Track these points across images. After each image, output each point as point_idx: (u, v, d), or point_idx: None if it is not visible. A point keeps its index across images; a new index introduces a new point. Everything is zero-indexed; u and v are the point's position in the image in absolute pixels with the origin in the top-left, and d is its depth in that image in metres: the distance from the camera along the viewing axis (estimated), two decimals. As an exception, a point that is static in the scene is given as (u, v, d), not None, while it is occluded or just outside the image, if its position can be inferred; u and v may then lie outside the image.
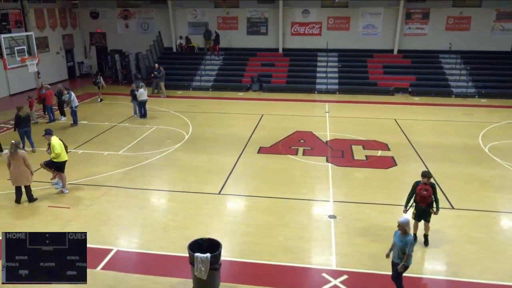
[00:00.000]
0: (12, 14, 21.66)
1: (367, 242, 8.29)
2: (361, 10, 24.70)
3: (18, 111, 13.16)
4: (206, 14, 26.10)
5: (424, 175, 7.99)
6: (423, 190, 7.84)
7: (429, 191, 7.83)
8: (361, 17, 24.83)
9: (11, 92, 21.92)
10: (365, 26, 24.95)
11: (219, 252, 6.61)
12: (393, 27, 24.57)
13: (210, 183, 11.06)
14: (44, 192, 10.45)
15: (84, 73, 28.06)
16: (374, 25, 24.85)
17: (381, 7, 24.47)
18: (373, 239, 8.38)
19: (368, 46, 24.98)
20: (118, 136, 15.12)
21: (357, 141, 14.56)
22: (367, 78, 23.51)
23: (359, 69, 24.07)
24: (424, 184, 7.87)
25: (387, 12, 24.53)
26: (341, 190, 10.69)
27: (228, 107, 19.62)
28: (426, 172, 8.14)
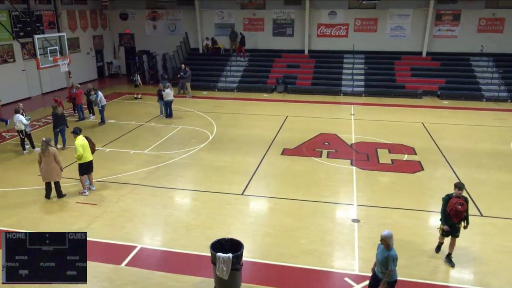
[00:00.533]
0: (45, 16, 22.40)
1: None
2: (389, 12, 24.30)
3: (54, 109, 13.49)
4: (233, 15, 26.26)
5: (458, 187, 7.39)
6: (457, 204, 7.24)
7: (464, 206, 7.28)
8: (389, 18, 24.43)
9: (43, 91, 22.65)
10: (393, 27, 24.54)
11: (241, 252, 6.62)
12: (422, 29, 24.06)
13: (233, 184, 11.11)
14: (73, 188, 10.73)
15: (112, 73, 28.70)
16: (402, 27, 24.40)
17: (410, 8, 24.01)
18: (398, 245, 8.17)
19: (395, 48, 24.55)
20: (144, 135, 15.39)
21: (382, 144, 14.33)
22: (394, 81, 23.11)
23: (386, 72, 23.68)
24: (458, 198, 7.32)
25: (416, 14, 24.05)
26: (365, 194, 10.54)
27: (253, 108, 19.67)
28: (460, 183, 7.51)
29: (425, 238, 8.52)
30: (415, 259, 7.76)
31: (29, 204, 10.00)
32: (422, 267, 7.57)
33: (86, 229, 8.81)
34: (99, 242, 8.37)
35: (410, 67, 23.74)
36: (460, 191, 7.36)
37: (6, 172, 11.98)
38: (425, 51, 24.19)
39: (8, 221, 9.15)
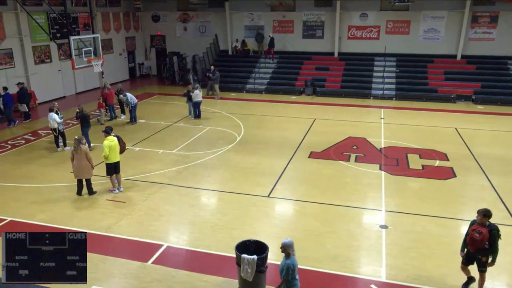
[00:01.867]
0: (81, 17, 23.16)
1: (420, 256, 7.92)
2: (422, 14, 23.75)
3: (82, 110, 13.80)
4: (262, 17, 26.34)
5: (480, 213, 6.49)
6: (475, 232, 6.44)
7: (483, 235, 6.37)
8: (422, 20, 23.87)
9: (77, 91, 23.39)
10: (426, 30, 23.96)
11: (266, 254, 6.61)
12: (457, 31, 23.37)
13: (259, 185, 11.12)
14: (103, 186, 11.02)
15: (143, 74, 29.34)
16: (436, 29, 23.80)
17: (444, 10, 23.37)
18: (427, 253, 8.00)
19: (428, 51, 23.96)
20: (173, 135, 15.63)
21: (413, 149, 14.00)
22: (426, 84, 22.55)
23: (418, 75, 23.14)
24: (479, 225, 6.46)
25: (451, 16, 23.39)
26: (394, 200, 10.32)
27: (281, 110, 19.64)
28: (484, 210, 6.48)
29: (455, 248, 8.23)
30: (443, 269, 7.53)
31: (61, 200, 10.34)
32: (449, 278, 7.33)
33: (115, 226, 9.03)
34: (127, 240, 8.56)
35: (443, 70, 23.11)
36: (483, 218, 6.43)
37: (41, 168, 12.44)
38: (460, 54, 23.50)
39: (41, 216, 9.50)
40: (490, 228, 6.41)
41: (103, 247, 8.25)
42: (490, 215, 6.44)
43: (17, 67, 19.48)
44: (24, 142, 14.99)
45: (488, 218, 6.42)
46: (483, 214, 6.44)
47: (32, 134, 15.93)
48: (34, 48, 20.38)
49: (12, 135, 15.80)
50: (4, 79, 18.79)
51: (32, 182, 11.45)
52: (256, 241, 6.97)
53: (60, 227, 9.01)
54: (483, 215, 6.44)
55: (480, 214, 6.46)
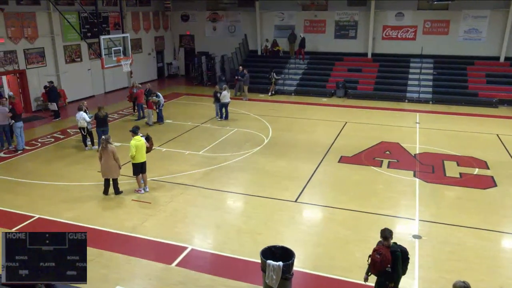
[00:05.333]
0: (111, 17, 23.81)
1: (456, 269, 7.68)
2: (463, 13, 23.08)
3: (98, 111, 14.00)
4: (293, 17, 26.29)
5: (382, 235, 6.07)
6: (376, 253, 6.02)
7: (384, 257, 5.94)
8: (463, 20, 23.20)
9: (106, 90, 24.04)
10: (467, 30, 23.27)
11: (292, 261, 6.57)
12: (501, 32, 22.57)
13: (286, 190, 11.08)
14: (130, 186, 11.26)
15: (172, 74, 29.84)
16: (477, 29, 23.07)
17: (487, 9, 22.64)
18: (464, 266, 7.75)
19: (469, 53, 23.25)
20: (200, 137, 15.81)
21: (450, 156, 13.61)
22: (466, 88, 21.89)
23: (457, 77, 22.49)
24: (382, 246, 6.06)
25: (494, 15, 22.61)
26: (429, 209, 10.06)
27: (310, 113, 19.53)
28: (385, 230, 6.08)
29: (495, 262, 7.96)
30: (480, 284, 7.26)
31: (88, 199, 10.64)
32: (491, 293, 7.08)
33: (140, 227, 9.21)
34: (151, 241, 8.71)
35: (485, 73, 22.36)
36: (386, 241, 6.03)
37: (69, 167, 12.84)
38: (504, 56, 22.67)
39: (68, 214, 9.80)
40: (392, 249, 6.00)
41: (127, 247, 8.42)
42: (386, 235, 6.01)
43: (48, 66, 20.22)
44: (53, 140, 15.52)
45: (385, 239, 6.02)
46: (381, 236, 6.06)
47: (61, 132, 16.48)
48: (65, 47, 21.10)
49: (42, 133, 16.39)
50: (36, 77, 19.54)
51: (60, 180, 11.84)
52: (282, 247, 6.95)
53: (86, 226, 9.28)
54: (381, 236, 6.06)
55: (384, 238, 6.05)
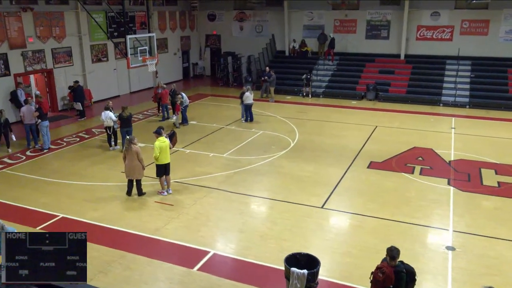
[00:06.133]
0: (138, 16, 24.28)
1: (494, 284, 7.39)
2: (504, 12, 22.39)
3: (122, 111, 14.22)
4: (323, 16, 26.13)
5: (388, 254, 5.95)
6: (379, 271, 5.88)
7: (387, 277, 5.77)
8: (504, 20, 22.50)
9: (131, 90, 24.51)
10: (508, 31, 22.54)
11: (317, 269, 6.50)
12: (545, 32, 21.79)
13: (313, 195, 10.99)
14: (153, 187, 11.41)
15: (197, 74, 30.15)
16: (520, 30, 22.35)
17: (531, 8, 21.92)
18: (501, 281, 7.47)
19: (510, 54, 22.51)
20: (224, 139, 15.89)
21: (488, 164, 13.20)
22: (506, 91, 21.21)
23: (496, 81, 21.84)
24: (386, 264, 5.93)
25: (539, 15, 21.87)
26: (464, 219, 9.77)
27: (339, 116, 19.33)
28: (392, 249, 5.97)
29: (537, 278, 7.64)
30: (523, 301, 6.99)
31: (111, 199, 10.85)
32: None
33: (162, 229, 9.31)
34: (174, 244, 8.79)
35: (527, 76, 21.65)
36: (390, 260, 5.93)
37: (93, 167, 13.14)
38: (548, 58, 21.89)
39: (92, 214, 10.02)
40: (398, 269, 5.85)
41: (149, 250, 8.53)
42: (394, 255, 5.87)
43: (75, 65, 20.78)
44: (78, 140, 15.92)
45: (392, 259, 5.89)
46: (387, 254, 5.94)
47: (86, 132, 16.89)
48: (92, 47, 21.64)
49: (67, 132, 16.84)
50: (63, 77, 20.10)
51: (85, 180, 12.12)
52: (307, 254, 6.88)
53: (109, 226, 9.47)
54: (387, 255, 5.94)
55: (391, 258, 5.93)
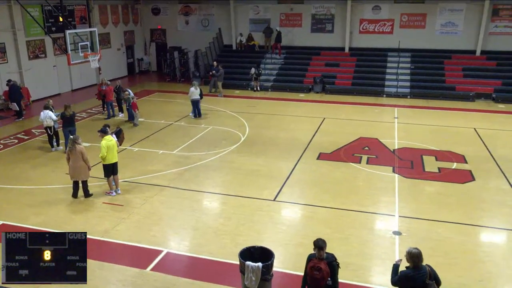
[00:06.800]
0: (77, 11, 23.26)
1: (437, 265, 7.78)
2: (439, 6, 23.63)
3: (64, 110, 13.63)
4: (269, 10, 26.32)
5: (316, 245, 5.85)
6: (314, 269, 5.79)
7: (323, 272, 5.78)
8: (439, 13, 23.75)
9: (73, 88, 23.51)
10: (443, 24, 23.84)
11: (271, 262, 6.59)
12: (477, 25, 23.22)
13: (265, 189, 11.11)
14: (100, 188, 11.05)
15: (143, 70, 29.42)
16: (454, 23, 23.67)
17: (463, 2, 23.25)
18: (445, 262, 7.94)
19: (446, 46, 23.84)
20: (174, 135, 15.66)
21: (429, 151, 13.93)
22: (443, 82, 22.45)
23: (434, 71, 23.04)
24: (317, 260, 5.85)
25: (470, 9, 23.25)
26: (408, 205, 10.27)
27: (288, 109, 19.62)
28: (318, 241, 5.90)
29: (475, 256, 8.20)
30: (462, 280, 7.47)
31: (56, 203, 10.38)
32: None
33: (112, 230, 9.05)
34: (125, 245, 8.57)
35: (462, 67, 23.00)
36: (319, 251, 5.84)
37: (35, 170, 12.50)
38: (480, 49, 23.35)
39: (35, 219, 9.54)
40: (328, 260, 5.90)
41: (100, 253, 8.26)
42: (321, 245, 5.84)
43: (10, 62, 19.60)
44: (17, 141, 15.07)
45: (320, 249, 5.84)
46: (316, 246, 5.86)
47: (25, 133, 16.02)
48: (28, 43, 20.50)
49: (4, 134, 15.89)
50: (-3, 75, 18.93)
51: (26, 183, 11.51)
52: (261, 247, 6.95)
53: (54, 231, 9.03)
54: (316, 247, 5.86)
55: (319, 248, 5.85)
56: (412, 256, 5.64)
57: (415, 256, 5.62)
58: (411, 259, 5.64)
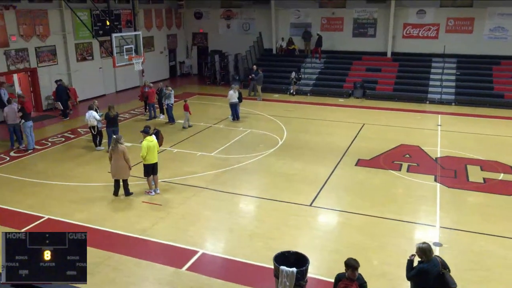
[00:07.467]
0: (123, 14, 24.08)
1: (478, 279, 7.57)
2: (488, 10, 22.74)
3: (108, 110, 14.12)
4: (310, 14, 26.23)
5: (348, 265, 5.61)
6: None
7: None
8: (488, 18, 22.85)
9: (117, 89, 24.32)
10: (492, 28, 22.92)
11: (306, 267, 6.56)
12: (529, 30, 22.18)
13: (301, 193, 11.06)
14: (140, 187, 11.37)
15: (184, 73, 30.03)
16: (504, 28, 22.69)
17: (514, 6, 22.29)
18: (486, 276, 7.64)
19: (494, 52, 22.87)
20: (212, 137, 15.88)
21: (474, 160, 13.42)
22: (491, 89, 21.56)
23: (482, 78, 22.16)
24: (348, 282, 5.62)
25: (523, 13, 22.24)
26: (450, 215, 9.94)
27: (327, 114, 19.46)
28: (351, 260, 5.65)
29: (521, 272, 7.82)
30: (508, 295, 7.16)
31: (98, 200, 10.78)
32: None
33: (150, 229, 9.29)
34: (162, 244, 8.78)
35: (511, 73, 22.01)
36: (352, 272, 5.59)
37: (79, 167, 13.03)
38: (531, 55, 22.29)
39: (79, 215, 9.94)
40: (360, 282, 5.66)
41: (137, 250, 8.51)
42: (354, 265, 5.58)
43: (60, 64, 20.55)
44: (63, 140, 15.77)
45: (354, 269, 5.58)
46: (348, 266, 5.59)
47: (71, 132, 16.73)
48: (77, 45, 21.42)
49: (52, 132, 16.66)
50: (47, 76, 19.86)
51: (71, 180, 12.02)
52: (296, 252, 6.93)
53: (96, 227, 9.41)
54: (349, 267, 5.58)
55: (353, 268, 5.58)
56: (424, 251, 5.89)
57: (427, 250, 5.89)
58: (424, 254, 5.89)
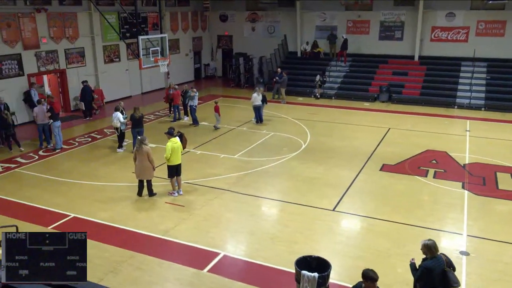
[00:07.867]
0: (150, 17, 24.48)
1: (507, 290, 7.33)
2: (521, 13, 22.12)
3: (133, 112, 14.32)
4: (336, 17, 26.06)
5: (366, 277, 5.49)
6: None
7: None
8: (521, 21, 22.23)
9: (143, 91, 24.71)
10: (525, 31, 22.26)
11: (328, 273, 6.48)
12: None
13: (324, 198, 10.97)
14: (164, 188, 11.49)
15: (209, 75, 30.27)
16: (537, 31, 22.02)
17: (549, 9, 21.60)
18: (516, 287, 7.38)
19: (527, 56, 22.24)
20: (235, 140, 15.93)
21: (504, 167, 13.03)
22: (523, 94, 20.94)
23: (513, 83, 21.58)
24: None
25: (557, 15, 21.54)
26: (478, 224, 9.67)
27: (351, 118, 19.26)
28: (369, 272, 5.52)
29: (553, 284, 7.53)
30: (539, 308, 6.90)
31: (122, 200, 10.96)
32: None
33: (172, 230, 9.37)
34: (184, 245, 8.84)
35: (545, 78, 21.34)
36: (374, 284, 5.47)
37: (104, 167, 13.27)
38: None
39: (102, 214, 10.12)
40: None
41: (160, 250, 8.59)
42: (373, 277, 5.47)
43: (88, 65, 21.02)
44: (90, 140, 16.10)
45: (374, 281, 5.48)
46: (367, 278, 5.46)
47: (98, 132, 17.07)
48: (104, 48, 21.87)
49: (79, 132, 17.05)
50: (76, 77, 20.34)
51: (96, 180, 12.26)
52: (318, 257, 6.86)
53: (119, 226, 9.57)
54: (367, 279, 5.46)
55: (371, 280, 5.45)
56: (429, 248, 5.87)
57: (432, 247, 5.87)
58: (429, 250, 5.87)
